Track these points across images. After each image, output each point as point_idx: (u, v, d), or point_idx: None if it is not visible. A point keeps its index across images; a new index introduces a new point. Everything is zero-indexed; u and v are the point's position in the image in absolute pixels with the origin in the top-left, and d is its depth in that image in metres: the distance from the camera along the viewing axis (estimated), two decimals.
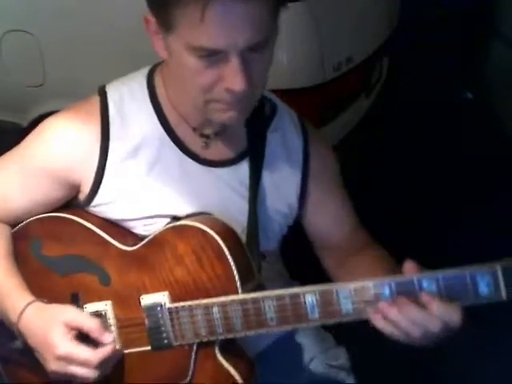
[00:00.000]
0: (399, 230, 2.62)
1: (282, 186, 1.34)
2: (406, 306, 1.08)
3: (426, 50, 3.52)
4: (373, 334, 1.17)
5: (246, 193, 1.31)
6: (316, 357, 1.48)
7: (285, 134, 1.35)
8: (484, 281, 1.05)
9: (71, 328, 1.18)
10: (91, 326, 1.19)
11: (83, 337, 1.19)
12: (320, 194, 1.38)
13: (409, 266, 1.11)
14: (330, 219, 1.41)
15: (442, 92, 3.57)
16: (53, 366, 1.17)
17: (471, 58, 3.57)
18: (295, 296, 1.14)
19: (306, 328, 1.50)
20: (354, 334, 1.54)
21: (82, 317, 1.21)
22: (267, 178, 1.32)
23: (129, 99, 1.28)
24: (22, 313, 1.20)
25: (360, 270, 1.30)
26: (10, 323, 1.22)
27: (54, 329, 1.17)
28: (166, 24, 1.12)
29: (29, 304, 1.21)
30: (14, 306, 1.22)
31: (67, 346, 1.16)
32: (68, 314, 1.20)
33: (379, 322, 1.11)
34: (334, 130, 2.38)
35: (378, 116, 2.80)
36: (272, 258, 1.43)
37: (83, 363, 1.16)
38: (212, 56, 1.10)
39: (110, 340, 1.18)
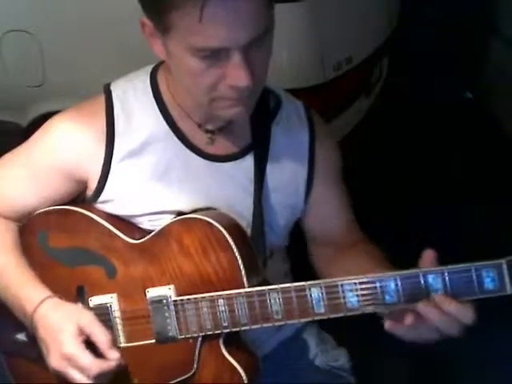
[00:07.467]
0: (399, 229, 2.62)
1: (287, 180, 1.34)
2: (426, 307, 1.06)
3: (425, 50, 3.52)
4: (373, 335, 1.17)
5: (251, 187, 1.30)
6: (318, 356, 1.48)
7: (290, 126, 1.34)
8: (489, 275, 1.06)
9: (83, 332, 1.17)
10: (102, 339, 1.17)
11: (91, 345, 1.18)
12: (323, 188, 1.37)
13: (427, 255, 1.09)
14: (329, 214, 1.40)
15: (442, 92, 3.56)
16: (54, 362, 1.17)
17: (471, 58, 3.57)
18: (300, 289, 1.14)
19: (309, 328, 1.50)
20: (355, 335, 1.54)
21: (96, 327, 1.19)
22: (273, 171, 1.32)
23: (133, 96, 1.29)
24: (39, 305, 1.20)
25: (352, 267, 1.29)
26: (24, 313, 1.22)
27: (67, 327, 1.17)
28: (162, 27, 1.11)
29: (48, 297, 1.21)
30: (31, 297, 1.22)
31: (74, 347, 1.16)
32: (84, 318, 1.19)
33: (393, 326, 1.09)
34: (334, 129, 2.38)
35: (378, 116, 2.80)
36: (279, 256, 1.42)
37: (82, 369, 1.15)
38: (215, 55, 1.09)
39: (115, 357, 1.16)
